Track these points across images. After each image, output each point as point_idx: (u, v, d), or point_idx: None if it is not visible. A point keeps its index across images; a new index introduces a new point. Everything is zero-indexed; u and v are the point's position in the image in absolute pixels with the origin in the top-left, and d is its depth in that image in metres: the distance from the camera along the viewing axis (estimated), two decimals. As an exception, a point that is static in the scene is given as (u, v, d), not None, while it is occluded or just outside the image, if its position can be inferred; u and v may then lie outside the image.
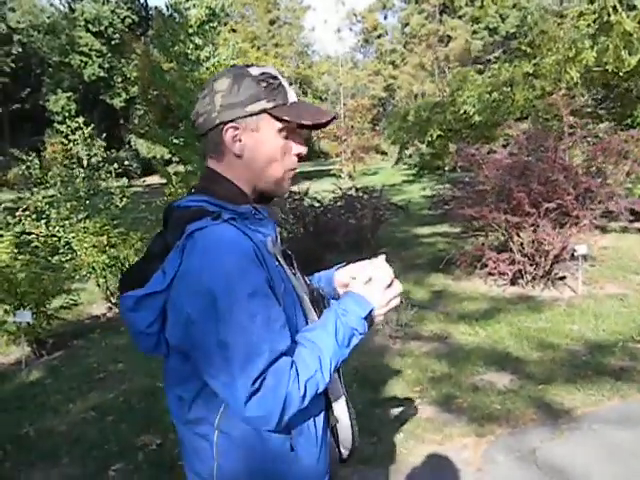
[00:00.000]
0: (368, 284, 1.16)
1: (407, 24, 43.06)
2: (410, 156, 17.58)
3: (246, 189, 1.15)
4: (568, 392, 3.48)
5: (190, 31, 11.43)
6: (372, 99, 33.42)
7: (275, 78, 1.13)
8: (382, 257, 1.21)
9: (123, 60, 28.78)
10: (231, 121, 1.11)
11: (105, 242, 5.78)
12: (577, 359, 4.02)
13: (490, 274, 6.31)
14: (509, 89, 7.96)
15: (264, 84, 1.11)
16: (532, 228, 5.74)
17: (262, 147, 1.13)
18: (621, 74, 7.45)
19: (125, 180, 6.78)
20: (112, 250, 5.91)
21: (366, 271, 1.19)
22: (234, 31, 24.63)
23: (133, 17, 32.12)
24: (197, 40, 11.56)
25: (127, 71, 26.49)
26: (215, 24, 11.78)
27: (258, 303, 0.99)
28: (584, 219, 5.59)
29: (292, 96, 1.16)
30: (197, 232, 1.02)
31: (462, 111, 8.25)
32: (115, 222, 5.96)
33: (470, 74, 8.69)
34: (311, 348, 1.04)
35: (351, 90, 33.57)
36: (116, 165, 7.20)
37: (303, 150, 1.18)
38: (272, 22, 28.16)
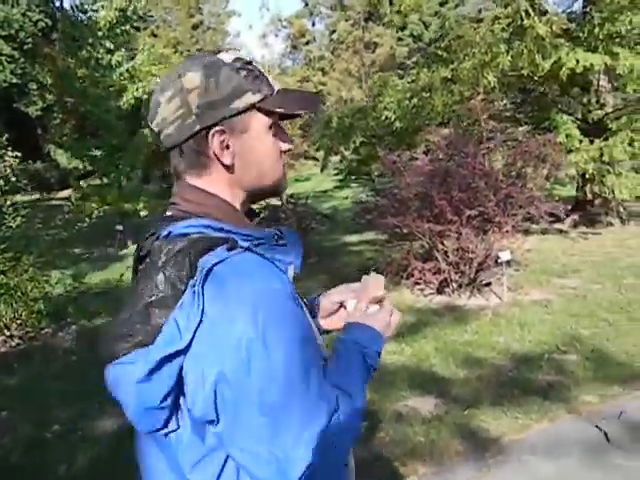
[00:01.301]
0: (370, 312, 1.06)
1: (334, 31, 43.35)
2: (341, 161, 17.46)
3: (236, 203, 0.95)
4: (494, 416, 3.25)
5: (99, 34, 10.72)
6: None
7: (251, 63, 0.93)
8: (380, 277, 1.10)
9: (37, 66, 27.09)
10: (215, 124, 0.88)
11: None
12: (503, 375, 3.82)
13: (417, 283, 6.14)
14: (428, 94, 7.89)
15: (244, 72, 0.90)
16: (456, 236, 5.61)
17: (255, 150, 0.92)
18: (536, 78, 7.54)
19: (17, 197, 6.03)
20: (1, 277, 5.23)
21: (360, 294, 1.09)
22: (155, 36, 23.72)
23: (46, 20, 30.31)
24: (108, 44, 10.85)
25: (42, 77, 24.95)
26: (127, 27, 11.11)
27: (310, 351, 0.83)
28: (506, 225, 5.50)
29: (274, 83, 0.95)
30: (216, 268, 0.80)
31: (383, 117, 8.11)
32: (2, 245, 5.26)
33: (392, 79, 8.58)
34: (347, 400, 0.89)
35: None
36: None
37: (291, 146, 1.00)
38: (195, 27, 27.40)
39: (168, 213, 0.94)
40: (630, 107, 8.26)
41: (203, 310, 0.78)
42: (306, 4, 46.27)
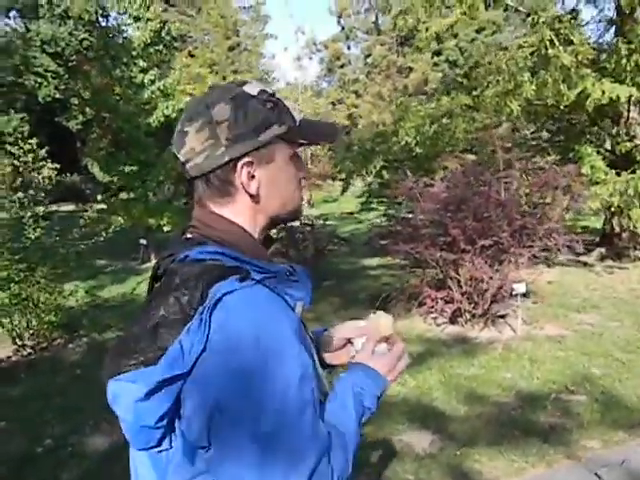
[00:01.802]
0: (378, 353, 1.06)
1: (369, 55, 43.77)
2: (370, 185, 17.45)
3: (256, 232, 0.98)
4: (490, 457, 3.12)
5: (134, 54, 11.05)
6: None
7: (274, 96, 0.98)
8: (389, 317, 1.10)
9: (79, 82, 28.12)
10: (243, 155, 0.93)
11: (5, 277, 5.22)
12: (505, 414, 3.68)
13: (430, 312, 6.02)
14: (448, 121, 7.82)
15: (270, 105, 0.95)
16: (470, 265, 5.49)
17: (279, 180, 0.97)
18: (562, 108, 7.40)
19: (39, 208, 6.17)
20: (15, 287, 5.35)
21: (369, 333, 1.08)
22: (192, 56, 24.38)
23: (91, 39, 31.53)
24: (141, 63, 11.17)
25: (83, 93, 25.85)
26: (160, 47, 11.43)
27: (308, 389, 0.83)
28: (521, 256, 5.36)
29: (296, 114, 1.00)
30: (226, 298, 0.82)
31: (403, 142, 8.07)
32: (17, 256, 5.38)
33: (413, 104, 8.55)
34: (340, 441, 0.90)
35: (312, 118, 33.65)
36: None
37: (306, 173, 1.07)
38: (231, 48, 28.01)
39: (188, 236, 0.97)
40: (660, 140, 8.03)
41: (208, 337, 0.80)
42: (342, 28, 46.97)
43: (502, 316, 5.88)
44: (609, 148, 8.85)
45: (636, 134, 8.53)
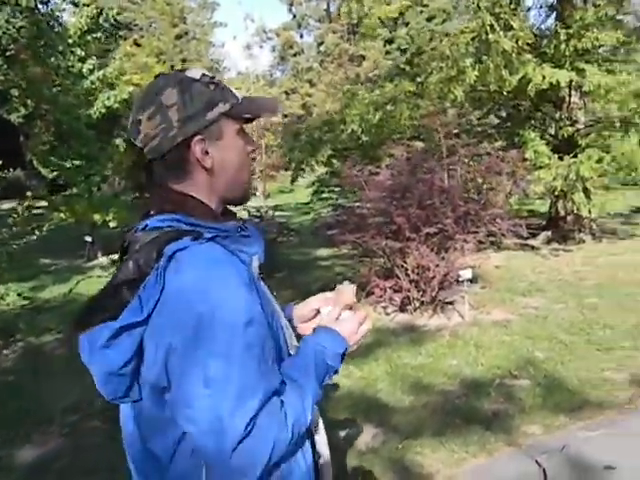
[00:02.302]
0: (341, 318, 1.16)
1: (322, 43, 43.50)
2: (327, 174, 17.31)
3: (214, 205, 1.06)
4: (433, 449, 3.07)
5: (70, 41, 10.52)
6: (289, 117, 33.18)
7: (214, 78, 1.07)
8: (352, 286, 1.22)
9: (17, 72, 26.83)
10: (195, 134, 1.02)
11: None
12: (449, 403, 3.65)
13: (378, 301, 5.98)
14: (393, 108, 7.78)
15: (212, 86, 1.04)
16: (416, 253, 5.46)
17: (230, 154, 1.06)
18: (505, 93, 7.46)
19: None
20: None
21: (334, 302, 1.20)
22: (138, 45, 23.58)
23: (30, 27, 30.08)
24: (79, 51, 10.64)
25: (23, 84, 24.67)
26: (99, 34, 10.93)
27: (255, 333, 0.91)
28: (466, 243, 5.36)
29: (238, 93, 1.09)
30: (179, 253, 0.92)
31: (350, 130, 7.99)
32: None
33: (360, 92, 8.46)
34: (296, 388, 0.99)
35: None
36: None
37: (255, 147, 1.15)
38: (179, 37, 27.25)
39: (151, 212, 1.04)
40: (600, 124, 8.21)
41: (162, 290, 0.90)
42: (294, 16, 46.49)
43: (450, 302, 5.90)
44: (553, 133, 9.02)
45: (577, 119, 8.72)
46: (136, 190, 18.42)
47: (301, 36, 49.65)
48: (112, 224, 11.15)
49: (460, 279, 5.37)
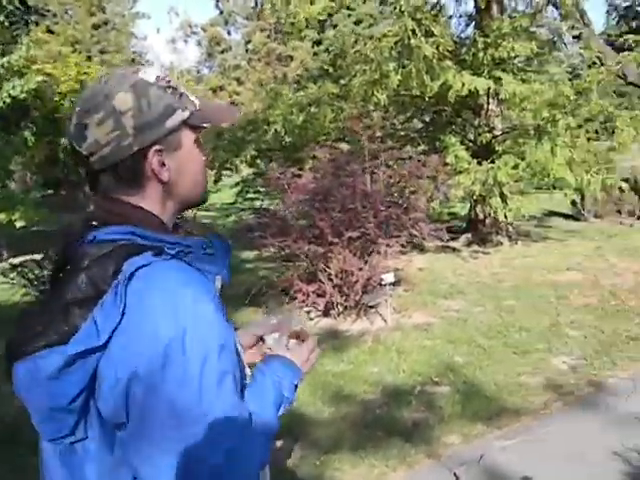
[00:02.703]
0: (291, 347, 1.14)
1: (250, 41, 43.02)
2: (255, 174, 16.97)
3: (166, 218, 0.96)
4: (352, 464, 2.97)
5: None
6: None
7: (171, 81, 0.96)
8: (300, 313, 1.03)
9: None
10: (153, 144, 0.91)
11: None
12: (370, 413, 3.57)
13: (301, 306, 5.85)
14: (317, 110, 7.71)
15: (170, 90, 0.94)
16: (340, 257, 5.38)
17: (188, 166, 0.97)
18: (427, 99, 7.58)
19: None
20: None
21: (281, 330, 1.17)
22: (51, 32, 22.11)
23: None
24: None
25: None
26: (1, 18, 10.08)
27: (227, 359, 0.83)
28: (388, 246, 5.34)
29: (194, 98, 0.99)
30: (141, 270, 0.82)
31: (273, 130, 7.83)
32: None
33: (284, 92, 8.33)
34: (260, 422, 0.90)
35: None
36: None
37: (207, 156, 1.06)
38: (96, 26, 25.88)
39: (93, 223, 0.92)
40: (515, 131, 8.54)
41: (124, 311, 0.80)
42: (221, 12, 45.67)
43: (374, 306, 5.88)
44: (472, 139, 9.28)
45: (495, 126, 9.02)
46: (49, 187, 17.31)
47: (229, 33, 48.91)
48: (19, 224, 10.33)
49: (383, 283, 5.34)
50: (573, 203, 11.29)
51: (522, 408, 3.50)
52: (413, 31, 6.56)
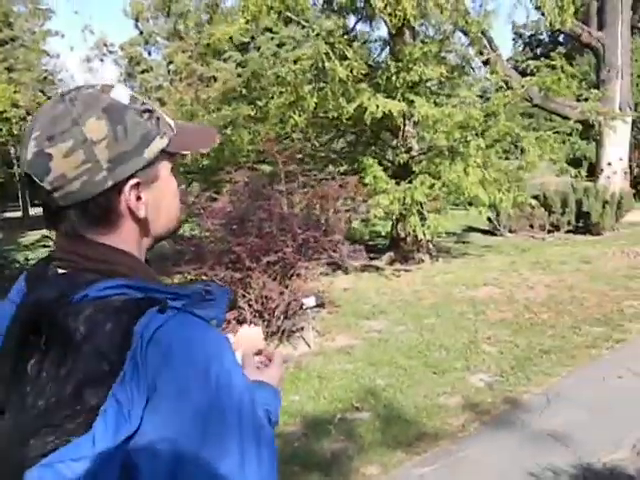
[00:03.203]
0: (265, 368, 1.10)
1: (171, 62, 42.42)
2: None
3: (142, 254, 0.87)
4: (267, 506, 2.80)
5: None
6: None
7: (145, 103, 0.84)
8: (259, 329, 1.16)
9: None
10: (130, 177, 0.80)
11: None
12: (289, 447, 3.42)
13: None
14: (232, 132, 7.62)
15: (147, 115, 0.82)
16: (260, 282, 5.25)
17: (165, 198, 0.87)
18: (344, 120, 7.66)
19: None
20: None
21: (243, 348, 1.09)
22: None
23: None
24: None
25: None
26: None
27: (258, 412, 0.76)
28: (308, 270, 5.27)
29: (170, 120, 0.88)
30: (158, 333, 0.70)
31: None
32: None
33: (200, 113, 8.16)
34: None
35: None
36: None
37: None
38: (3, 43, 24.54)
39: (60, 271, 0.81)
40: (431, 152, 8.82)
41: (150, 382, 0.68)
42: (141, 32, 44.74)
43: (297, 331, 5.77)
44: (391, 159, 9.48)
45: (412, 146, 9.27)
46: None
47: (149, 53, 48.05)
48: None
49: (304, 307, 5.25)
50: (489, 219, 11.79)
51: (441, 431, 3.48)
52: (327, 54, 6.63)
